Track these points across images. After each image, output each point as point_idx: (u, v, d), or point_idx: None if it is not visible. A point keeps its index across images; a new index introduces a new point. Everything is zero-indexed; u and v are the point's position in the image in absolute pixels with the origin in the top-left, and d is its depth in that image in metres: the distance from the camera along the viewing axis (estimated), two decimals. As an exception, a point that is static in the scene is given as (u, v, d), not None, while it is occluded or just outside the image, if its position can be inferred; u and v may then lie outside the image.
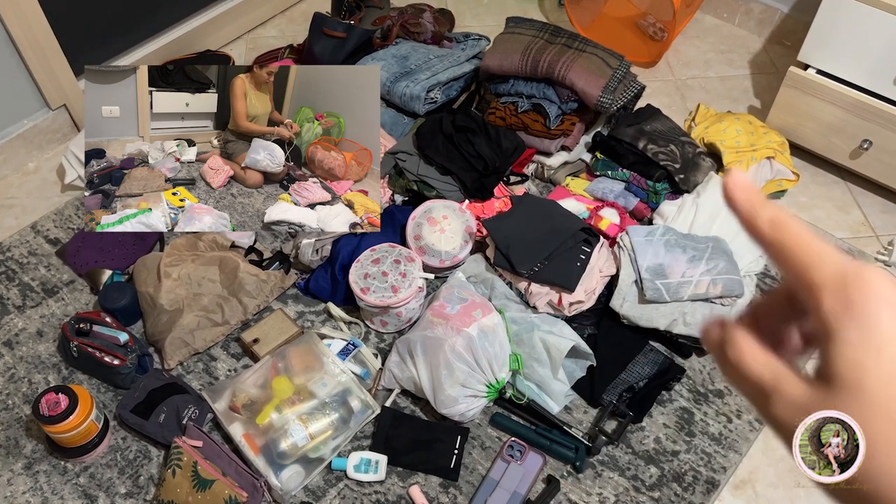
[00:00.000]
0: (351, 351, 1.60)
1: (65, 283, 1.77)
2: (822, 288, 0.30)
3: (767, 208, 0.33)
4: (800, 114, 1.96)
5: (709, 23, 2.52)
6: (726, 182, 0.34)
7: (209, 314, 1.65)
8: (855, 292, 0.29)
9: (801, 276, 0.31)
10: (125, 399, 1.51)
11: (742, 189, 0.34)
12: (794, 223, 0.32)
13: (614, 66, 1.89)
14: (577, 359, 1.57)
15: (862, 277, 0.29)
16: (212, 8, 2.35)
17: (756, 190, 0.34)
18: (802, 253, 0.31)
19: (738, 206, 0.34)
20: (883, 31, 1.75)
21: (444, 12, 2.40)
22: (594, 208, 1.83)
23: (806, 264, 0.31)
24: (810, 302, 0.31)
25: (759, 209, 0.33)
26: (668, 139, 1.87)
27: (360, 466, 1.45)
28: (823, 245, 0.31)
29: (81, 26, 2.02)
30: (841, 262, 0.30)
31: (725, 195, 0.34)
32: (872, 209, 1.97)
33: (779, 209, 0.33)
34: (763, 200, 0.34)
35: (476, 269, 1.72)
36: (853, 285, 0.29)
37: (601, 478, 1.47)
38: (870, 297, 0.29)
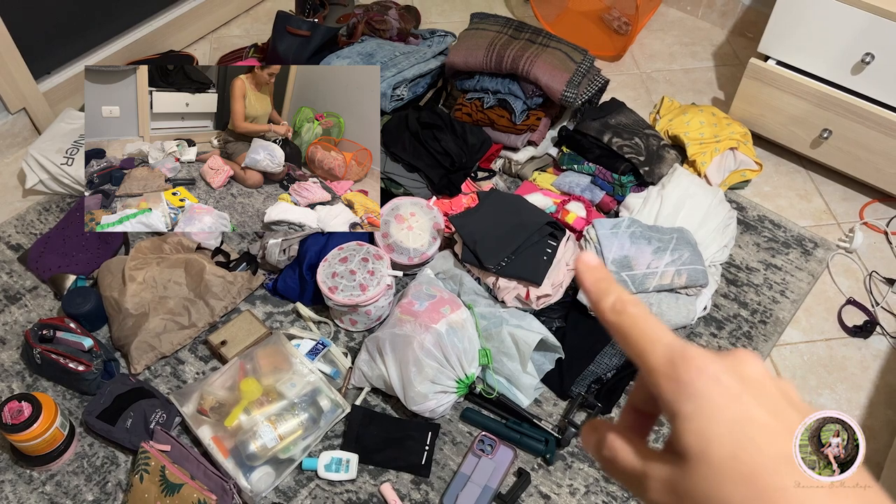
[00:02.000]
0: (320, 350, 1.59)
1: (27, 289, 1.74)
2: (658, 373, 0.33)
3: (611, 293, 0.36)
4: (761, 104, 1.99)
5: (673, 16, 2.55)
6: (577, 264, 0.37)
7: (175, 317, 1.63)
8: (684, 373, 0.32)
9: (639, 360, 0.34)
10: (91, 405, 1.49)
11: (590, 271, 0.37)
12: (632, 308, 0.35)
13: (578, 60, 1.91)
14: (546, 352, 1.59)
15: (687, 358, 0.32)
16: (175, 8, 2.32)
17: (605, 273, 0.37)
18: (639, 338, 0.34)
19: (587, 289, 0.36)
20: (840, 22, 1.78)
21: (410, 9, 2.40)
22: (561, 202, 1.84)
23: (642, 349, 0.34)
24: (651, 385, 0.33)
25: (604, 294, 0.36)
26: (633, 132, 1.89)
27: (331, 466, 1.45)
28: (657, 329, 0.34)
29: (40, 28, 1.99)
30: (670, 345, 0.33)
31: (576, 276, 0.37)
32: (833, 196, 2.00)
33: (622, 293, 0.36)
34: (609, 285, 0.36)
35: (444, 265, 1.72)
36: (681, 366, 0.32)
37: (571, 469, 1.48)
38: (697, 375, 0.32)
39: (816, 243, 1.87)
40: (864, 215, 1.96)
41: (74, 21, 2.07)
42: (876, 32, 1.74)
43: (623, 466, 0.35)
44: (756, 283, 1.78)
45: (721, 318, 1.71)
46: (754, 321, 1.71)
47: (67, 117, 1.98)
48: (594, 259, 0.37)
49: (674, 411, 0.32)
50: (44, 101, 2.05)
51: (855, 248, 1.86)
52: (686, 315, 1.59)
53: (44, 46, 2.02)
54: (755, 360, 0.33)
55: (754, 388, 0.32)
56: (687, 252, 1.64)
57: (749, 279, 1.79)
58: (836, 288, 1.80)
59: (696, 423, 0.31)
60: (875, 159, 1.87)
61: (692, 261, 1.63)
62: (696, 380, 0.32)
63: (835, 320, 1.74)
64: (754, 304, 1.74)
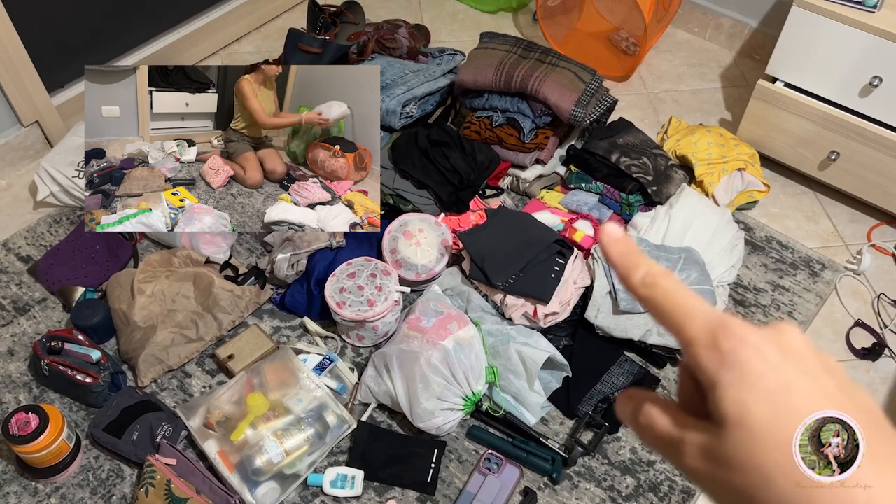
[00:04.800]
0: (327, 366, 1.60)
1: (37, 300, 1.75)
2: (697, 343, 0.33)
3: (641, 266, 0.35)
4: (769, 126, 2.00)
5: (680, 37, 2.57)
6: (602, 237, 0.36)
7: (183, 330, 1.64)
8: (724, 343, 0.32)
9: (676, 333, 0.34)
10: (98, 418, 1.49)
11: (617, 244, 0.36)
12: (664, 281, 0.35)
13: (587, 80, 1.92)
14: (553, 370, 1.58)
15: (728, 328, 0.33)
16: (188, 23, 2.35)
17: (632, 246, 0.36)
18: (674, 311, 0.34)
19: (614, 262, 0.36)
20: (847, 45, 1.79)
21: (420, 28, 2.42)
22: (569, 220, 1.84)
23: (679, 322, 0.34)
24: (689, 357, 0.34)
25: (633, 268, 0.35)
26: (641, 152, 1.90)
27: (337, 482, 1.44)
28: (693, 300, 0.34)
29: (54, 43, 2.02)
30: (708, 316, 0.33)
31: (601, 249, 0.36)
32: (841, 219, 2.00)
33: (651, 265, 0.35)
34: (637, 258, 0.36)
35: (452, 281, 1.72)
36: (722, 337, 0.32)
37: (578, 489, 1.47)
38: (738, 345, 0.32)
39: (824, 265, 1.87)
40: (872, 237, 1.96)
41: (88, 36, 2.09)
42: (884, 56, 1.75)
43: (660, 433, 0.35)
44: (764, 304, 1.78)
45: (729, 338, 1.71)
46: (762, 342, 1.70)
47: (80, 131, 1.99)
48: (618, 231, 0.37)
49: (714, 381, 0.32)
50: (57, 115, 2.07)
51: (863, 271, 1.86)
52: (694, 335, 1.58)
53: (58, 60, 2.05)
54: (796, 331, 0.33)
55: (795, 358, 0.32)
56: (695, 272, 1.64)
57: (757, 300, 1.79)
58: (844, 310, 1.79)
59: (735, 391, 0.32)
60: (883, 182, 1.87)
61: (700, 281, 1.63)
62: (737, 349, 0.32)
63: (843, 342, 1.73)
64: (762, 324, 1.73)
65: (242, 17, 2.49)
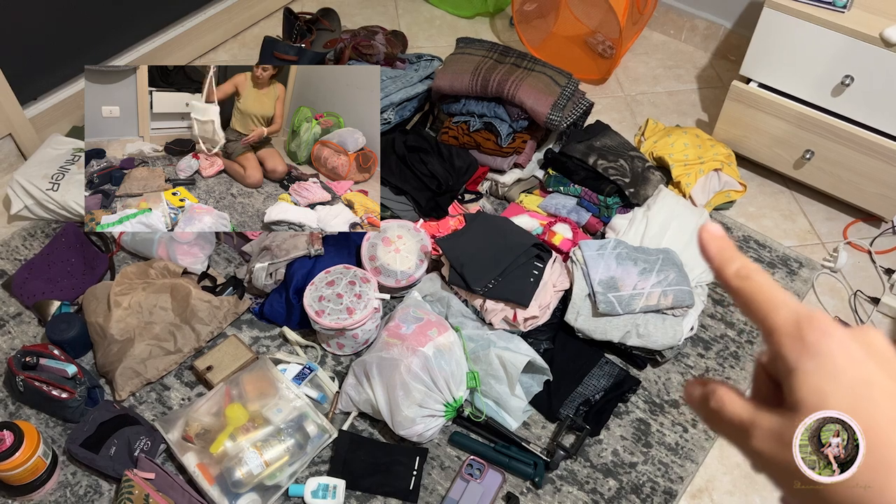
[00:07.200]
0: (307, 375, 1.59)
1: (11, 315, 1.73)
2: (781, 332, 0.35)
3: (736, 260, 0.38)
4: (744, 126, 2.01)
5: (656, 39, 2.58)
6: (702, 233, 0.39)
7: (161, 343, 1.62)
8: (809, 334, 0.34)
9: (762, 322, 0.36)
10: (74, 433, 1.47)
11: (715, 240, 0.39)
12: (757, 275, 0.37)
13: (563, 83, 1.93)
14: (534, 374, 1.58)
15: (814, 321, 0.34)
16: (162, 33, 2.33)
17: (728, 243, 0.39)
18: (763, 301, 0.36)
19: (711, 256, 0.39)
20: (818, 45, 1.81)
21: (397, 34, 2.42)
22: (547, 224, 1.85)
23: (766, 311, 0.36)
24: (771, 345, 0.35)
25: (728, 261, 0.38)
26: (618, 154, 1.91)
27: (318, 492, 1.43)
28: (782, 294, 0.36)
29: (27, 54, 1.99)
30: (796, 309, 0.35)
31: (700, 245, 0.39)
32: (817, 217, 2.02)
33: (746, 260, 0.38)
34: (733, 253, 0.38)
35: (432, 287, 1.72)
36: (807, 328, 0.34)
37: (560, 493, 1.47)
38: (823, 337, 0.34)
39: (801, 263, 1.88)
40: (848, 235, 1.98)
41: (61, 47, 2.07)
42: (855, 55, 1.77)
43: (730, 416, 0.36)
44: (742, 303, 1.79)
45: (708, 338, 1.72)
46: (741, 341, 1.71)
47: (54, 143, 1.97)
48: (719, 230, 0.39)
49: (793, 367, 0.34)
50: (30, 127, 2.05)
51: (839, 268, 1.88)
52: (673, 336, 1.59)
53: (30, 72, 2.03)
54: (881, 334, 0.35)
55: (879, 356, 0.33)
56: (673, 273, 1.64)
57: (735, 299, 1.80)
58: (822, 307, 1.81)
59: (815, 379, 0.33)
60: (857, 179, 1.89)
61: (678, 281, 1.63)
62: (821, 340, 0.33)
63: (821, 339, 1.74)
64: (741, 324, 1.75)
65: (219, 26, 2.48)
